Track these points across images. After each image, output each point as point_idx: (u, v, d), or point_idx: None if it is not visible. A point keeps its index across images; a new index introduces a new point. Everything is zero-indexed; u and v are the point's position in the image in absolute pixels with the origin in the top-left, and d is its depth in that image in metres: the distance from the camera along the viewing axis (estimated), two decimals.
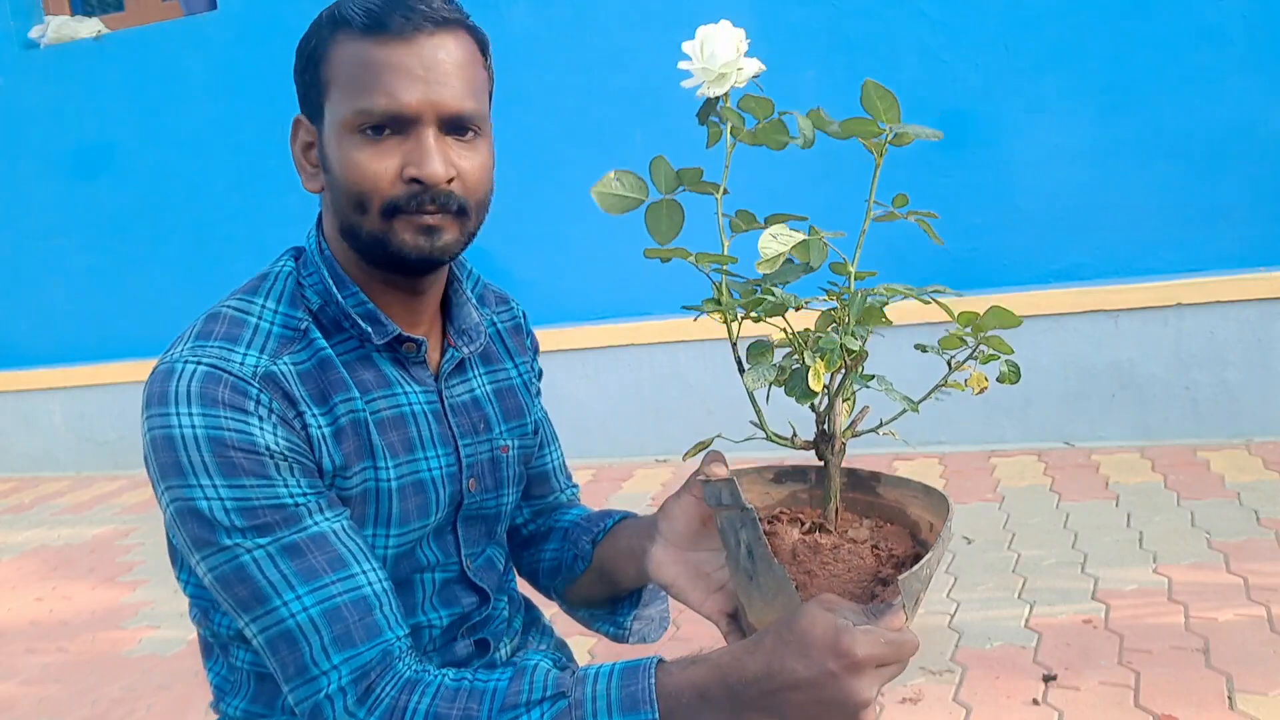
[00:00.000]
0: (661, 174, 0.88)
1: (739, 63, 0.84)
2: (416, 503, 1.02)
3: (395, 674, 0.89)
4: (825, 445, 0.89)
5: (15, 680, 2.77)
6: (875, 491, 0.94)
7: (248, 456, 0.89)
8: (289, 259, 1.03)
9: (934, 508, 0.89)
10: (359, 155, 0.93)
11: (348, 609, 0.90)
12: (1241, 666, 2.08)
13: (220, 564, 0.90)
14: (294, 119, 1.01)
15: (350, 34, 0.93)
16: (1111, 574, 2.58)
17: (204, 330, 0.95)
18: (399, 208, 0.93)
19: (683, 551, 0.98)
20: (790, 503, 0.95)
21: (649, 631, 1.20)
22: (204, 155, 4.55)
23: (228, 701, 1.09)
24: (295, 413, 0.93)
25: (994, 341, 0.84)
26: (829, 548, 0.87)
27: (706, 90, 0.85)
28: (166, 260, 4.69)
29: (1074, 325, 3.55)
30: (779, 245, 0.82)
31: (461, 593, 1.10)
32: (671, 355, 3.97)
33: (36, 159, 4.80)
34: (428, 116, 0.93)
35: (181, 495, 0.89)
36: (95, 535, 3.96)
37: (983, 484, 3.33)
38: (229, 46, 4.44)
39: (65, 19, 4.70)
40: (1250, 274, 3.41)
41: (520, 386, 1.17)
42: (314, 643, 0.88)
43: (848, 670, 0.77)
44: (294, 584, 0.89)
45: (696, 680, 0.82)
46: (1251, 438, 3.41)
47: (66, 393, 4.87)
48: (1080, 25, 3.51)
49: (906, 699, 2.12)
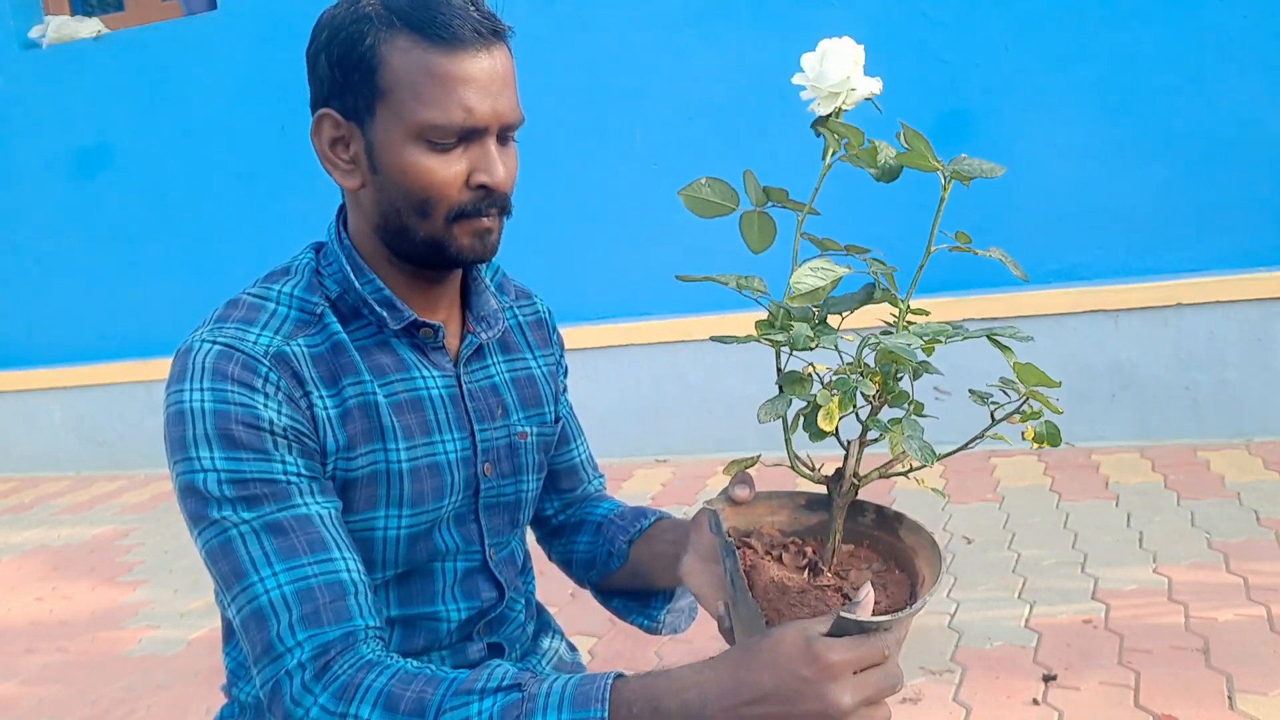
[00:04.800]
0: (752, 190, 0.90)
1: (851, 83, 0.83)
2: (432, 484, 1.04)
3: (356, 655, 0.90)
4: (835, 485, 0.89)
5: (15, 680, 2.77)
6: (897, 534, 0.93)
7: (248, 430, 0.92)
8: (310, 251, 1.06)
9: (932, 562, 0.88)
10: (428, 163, 0.95)
11: (320, 590, 0.91)
12: (1241, 666, 2.08)
13: (211, 538, 0.92)
14: (319, 114, 0.99)
15: (414, 40, 0.93)
16: (1111, 574, 2.58)
17: (224, 314, 0.99)
18: (464, 213, 0.98)
19: (709, 563, 0.99)
20: (817, 530, 0.95)
21: (680, 622, 1.22)
22: (204, 155, 4.55)
23: (239, 686, 1.10)
24: (302, 392, 0.96)
25: (1041, 399, 0.82)
26: (796, 591, 0.87)
27: (817, 107, 0.86)
28: (166, 260, 4.69)
29: (1074, 325, 3.55)
30: (817, 280, 0.82)
31: (483, 584, 1.12)
32: (671, 355, 3.97)
33: (36, 159, 4.80)
34: (494, 127, 0.97)
35: (182, 470, 0.93)
36: (95, 535, 3.96)
37: (983, 484, 3.33)
38: (229, 46, 4.44)
39: (65, 19, 4.70)
40: (1250, 274, 3.41)
41: (541, 378, 1.18)
42: (282, 620, 0.89)
43: (822, 675, 0.75)
44: (271, 561, 0.91)
45: (653, 691, 0.81)
46: (1251, 438, 3.41)
47: (66, 393, 4.87)
48: (1080, 25, 3.51)
49: (907, 699, 2.12)
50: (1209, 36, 3.41)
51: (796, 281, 0.82)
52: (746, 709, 0.77)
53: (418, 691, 0.86)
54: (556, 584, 2.84)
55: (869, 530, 0.94)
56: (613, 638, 2.56)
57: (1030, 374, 0.80)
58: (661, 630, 1.21)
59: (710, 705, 0.78)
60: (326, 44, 0.96)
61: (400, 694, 0.86)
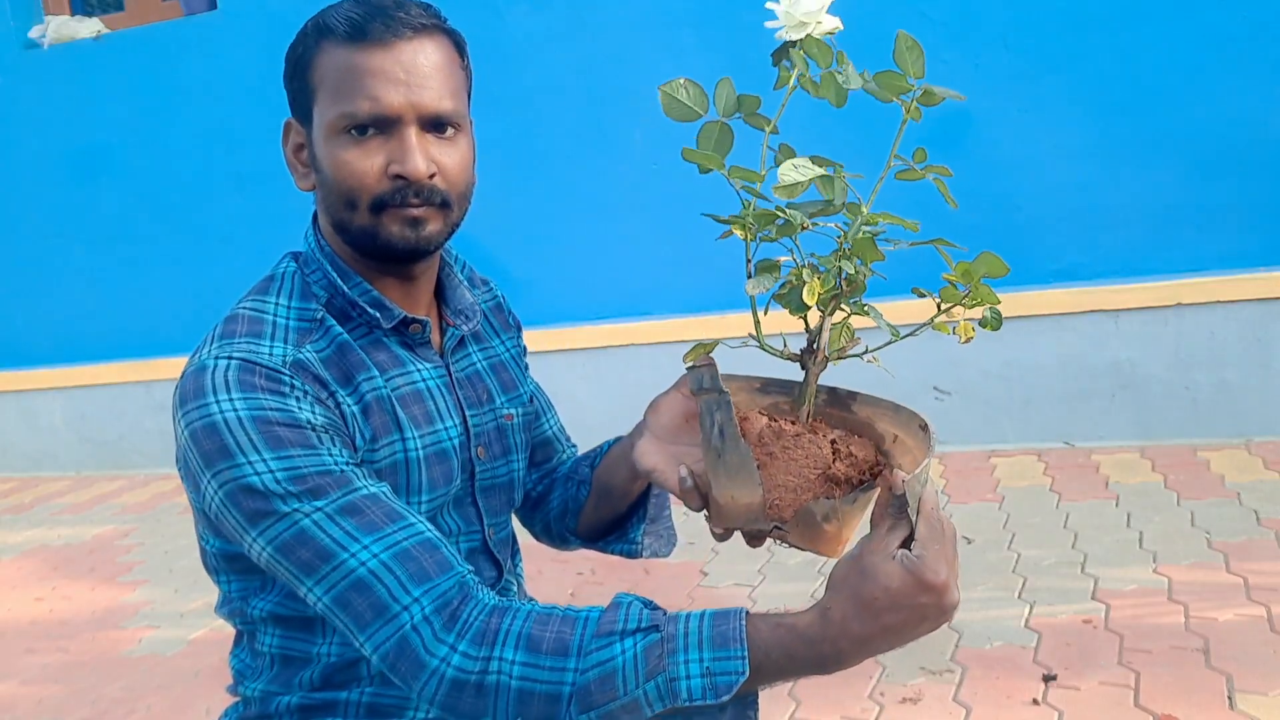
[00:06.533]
0: (724, 95, 0.94)
1: (820, 15, 0.90)
2: (441, 470, 1.08)
3: (479, 601, 0.92)
4: (809, 357, 0.96)
5: (15, 680, 2.77)
6: (850, 408, 1.01)
7: (292, 430, 0.94)
8: (289, 260, 1.10)
9: (902, 423, 0.95)
10: (346, 155, 1.00)
11: (417, 550, 0.93)
12: (1241, 666, 2.08)
13: (281, 531, 0.93)
14: (285, 122, 1.08)
15: (334, 41, 1.00)
16: (1111, 574, 2.58)
17: (226, 331, 1.00)
18: (385, 202, 1.00)
19: (665, 444, 1.06)
20: (771, 409, 1.01)
21: (660, 546, 1.25)
22: (204, 155, 4.55)
23: (247, 685, 1.12)
24: (328, 393, 0.99)
25: (983, 291, 0.90)
26: (791, 434, 0.93)
27: (785, 34, 0.92)
28: (166, 260, 4.69)
29: (1074, 325, 3.55)
30: (798, 175, 0.87)
31: (484, 564, 1.16)
32: (672, 355, 3.96)
33: (36, 159, 4.79)
34: (409, 117, 0.99)
35: (231, 476, 0.93)
36: (95, 535, 3.96)
37: (983, 484, 3.33)
38: (229, 46, 4.44)
39: (65, 19, 4.70)
40: (1250, 274, 3.41)
41: (510, 361, 1.25)
42: (389, 583, 0.91)
43: (937, 591, 0.82)
44: (358, 537, 0.92)
45: (785, 642, 0.85)
46: (1251, 438, 3.41)
47: (66, 393, 4.87)
48: (1080, 25, 3.51)
49: (906, 699, 2.13)
50: (1209, 36, 3.41)
51: (781, 173, 0.88)
52: (883, 646, 0.85)
53: (556, 632, 0.89)
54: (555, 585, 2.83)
55: (822, 408, 1.00)
56: None
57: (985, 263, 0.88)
58: (643, 552, 1.24)
59: (846, 658, 0.85)
60: (285, 59, 1.06)
61: (540, 635, 0.89)
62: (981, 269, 0.89)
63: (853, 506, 0.91)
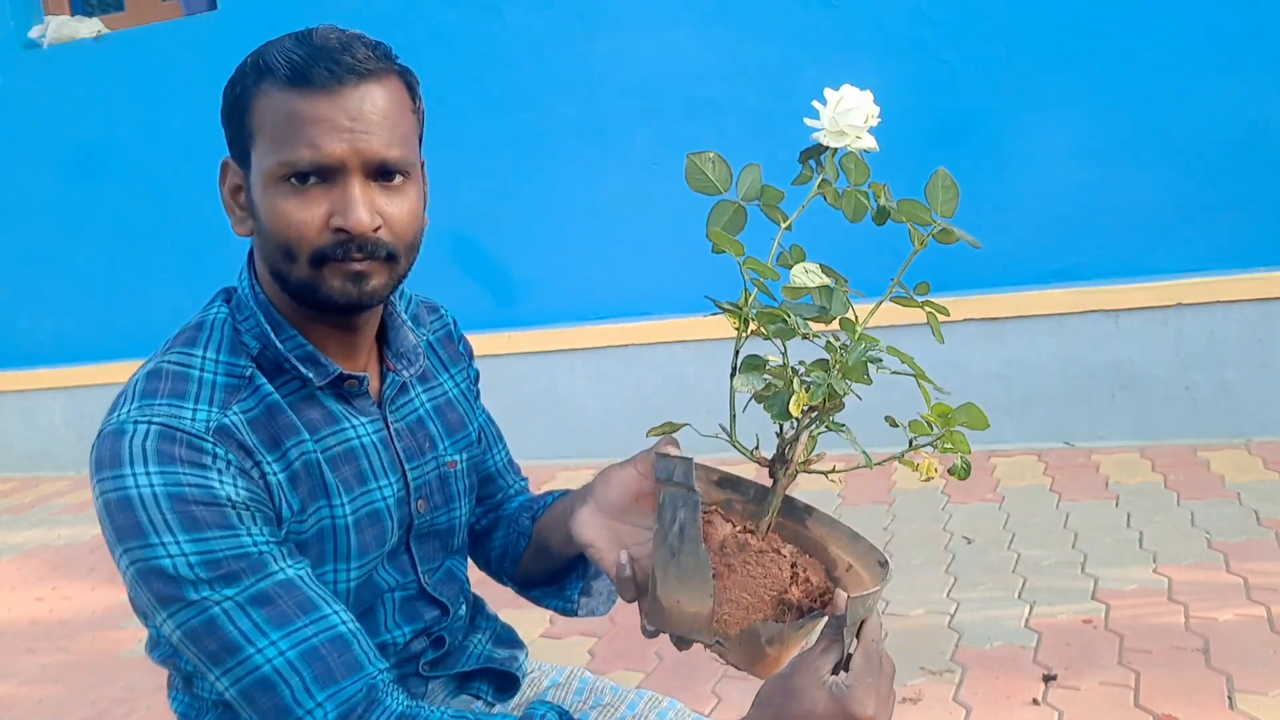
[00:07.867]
0: (748, 180, 0.92)
1: (861, 131, 0.88)
2: (374, 533, 1.04)
3: (385, 708, 0.89)
4: (780, 467, 0.92)
5: (15, 680, 2.77)
6: (805, 523, 0.97)
7: (208, 509, 0.89)
8: (220, 305, 1.03)
9: (860, 554, 0.92)
10: (285, 205, 0.93)
11: (325, 648, 0.90)
12: (1241, 666, 2.08)
13: (189, 619, 0.89)
14: (222, 161, 1.02)
15: (275, 84, 0.94)
16: (1111, 574, 2.58)
17: (148, 389, 0.94)
18: (326, 256, 0.94)
19: (609, 519, 1.01)
20: (724, 507, 0.98)
21: (597, 605, 1.21)
22: (204, 155, 4.49)
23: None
24: (253, 462, 0.94)
25: (956, 438, 0.88)
26: (755, 550, 0.90)
27: (823, 138, 0.90)
28: (166, 260, 4.69)
29: (1074, 325, 3.55)
30: (808, 279, 0.86)
31: (423, 608, 1.12)
32: (671, 355, 3.97)
33: (36, 159, 4.79)
34: (353, 164, 0.93)
35: (142, 556, 0.89)
36: (95, 535, 3.96)
37: (983, 484, 3.33)
38: (229, 46, 4.40)
39: (65, 19, 4.70)
40: (1250, 274, 3.41)
41: (458, 397, 1.18)
42: (294, 684, 0.88)
43: None
44: (266, 631, 0.89)
45: None
46: (1251, 438, 3.41)
47: (66, 393, 4.87)
48: (1080, 25, 3.51)
49: (906, 699, 2.12)
50: (1209, 36, 3.41)
51: (794, 276, 0.87)
52: None
53: None
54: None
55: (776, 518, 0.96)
56: (613, 638, 2.57)
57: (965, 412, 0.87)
58: (579, 611, 1.21)
59: None
60: (224, 96, 1.00)
61: None
62: (961, 417, 0.87)
63: (798, 633, 0.88)
